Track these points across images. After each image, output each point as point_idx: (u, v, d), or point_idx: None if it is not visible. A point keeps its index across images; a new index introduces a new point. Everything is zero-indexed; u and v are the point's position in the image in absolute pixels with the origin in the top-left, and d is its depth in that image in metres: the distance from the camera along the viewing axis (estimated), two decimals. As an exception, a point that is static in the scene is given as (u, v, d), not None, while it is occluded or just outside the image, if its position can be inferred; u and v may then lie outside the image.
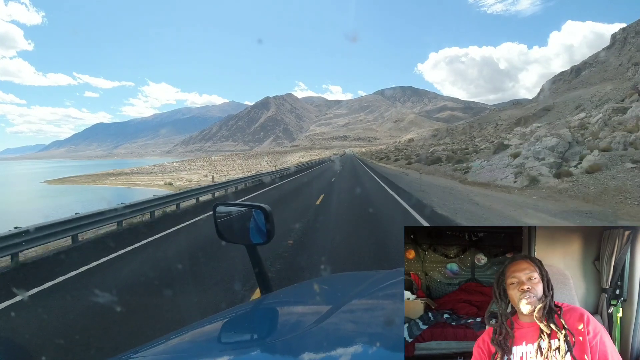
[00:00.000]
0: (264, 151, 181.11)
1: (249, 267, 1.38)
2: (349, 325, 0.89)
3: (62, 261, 6.17)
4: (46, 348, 3.13)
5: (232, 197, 15.30)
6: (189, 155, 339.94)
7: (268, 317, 1.09)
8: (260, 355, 0.75)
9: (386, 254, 5.85)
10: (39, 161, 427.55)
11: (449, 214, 9.39)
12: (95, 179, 53.41)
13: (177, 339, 0.89)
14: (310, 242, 6.86)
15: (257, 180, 21.91)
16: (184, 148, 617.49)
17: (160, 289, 4.55)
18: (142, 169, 72.16)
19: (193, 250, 6.63)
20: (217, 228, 1.45)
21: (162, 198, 11.11)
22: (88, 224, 7.64)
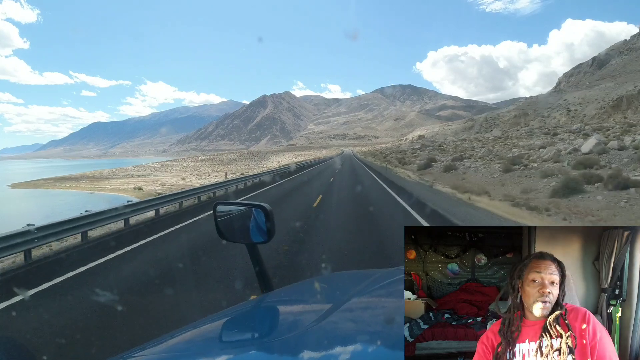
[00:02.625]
0: (254, 151, 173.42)
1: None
2: (350, 324, 0.89)
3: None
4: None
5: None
6: (184, 155, 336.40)
7: (268, 315, 1.09)
8: (260, 354, 0.75)
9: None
10: (32, 161, 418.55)
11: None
12: (65, 182, 49.17)
13: (177, 338, 0.89)
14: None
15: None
16: (180, 147, 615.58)
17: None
18: (122, 170, 67.19)
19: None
20: (218, 227, 1.45)
21: (94, 215, 7.94)
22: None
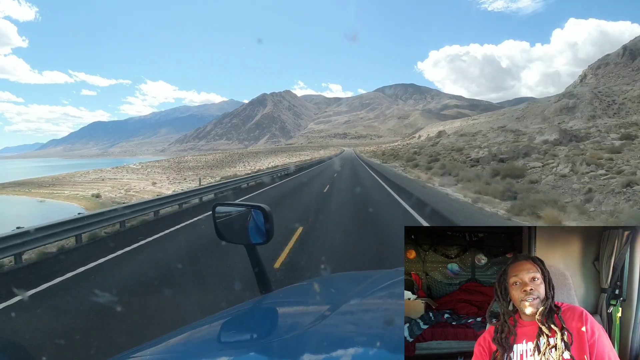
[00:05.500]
0: (244, 152, 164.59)
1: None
2: (349, 325, 0.89)
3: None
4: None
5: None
6: (181, 154, 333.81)
7: (268, 317, 1.09)
8: (259, 355, 0.75)
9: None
10: (30, 160, 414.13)
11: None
12: (25, 187, 45.61)
13: (177, 339, 0.89)
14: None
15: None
16: (178, 147, 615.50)
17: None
18: (98, 172, 63.56)
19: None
20: (217, 228, 1.46)
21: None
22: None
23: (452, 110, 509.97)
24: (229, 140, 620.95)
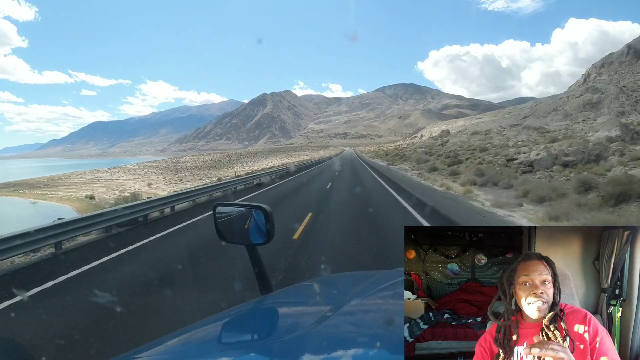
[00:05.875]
0: (247, 151, 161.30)
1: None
2: (350, 326, 0.89)
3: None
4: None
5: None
6: (181, 154, 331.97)
7: (268, 317, 1.09)
8: (260, 356, 0.75)
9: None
10: (30, 160, 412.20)
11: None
12: (19, 188, 45.36)
13: (177, 339, 0.89)
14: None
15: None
16: (178, 147, 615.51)
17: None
18: (95, 172, 63.20)
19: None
20: (217, 228, 1.45)
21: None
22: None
23: (453, 110, 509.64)
24: (228, 140, 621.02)
